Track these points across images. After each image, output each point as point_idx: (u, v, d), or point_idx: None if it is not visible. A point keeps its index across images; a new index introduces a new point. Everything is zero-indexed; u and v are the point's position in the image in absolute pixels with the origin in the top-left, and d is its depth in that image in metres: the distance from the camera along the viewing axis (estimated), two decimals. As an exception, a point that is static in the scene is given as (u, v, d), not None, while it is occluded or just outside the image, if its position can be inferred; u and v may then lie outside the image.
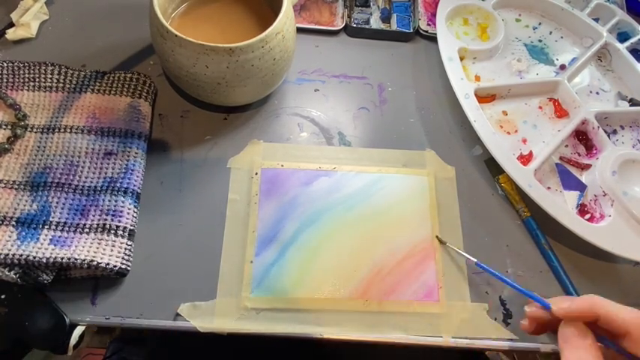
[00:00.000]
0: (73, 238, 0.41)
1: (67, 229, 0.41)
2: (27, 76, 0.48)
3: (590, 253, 0.47)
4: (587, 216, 0.47)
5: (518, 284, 0.38)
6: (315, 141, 0.50)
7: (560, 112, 0.53)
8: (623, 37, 0.60)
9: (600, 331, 0.30)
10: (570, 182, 0.49)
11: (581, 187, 0.48)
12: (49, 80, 0.48)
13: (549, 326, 0.33)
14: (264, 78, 0.45)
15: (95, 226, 0.41)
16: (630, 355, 0.28)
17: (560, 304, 0.31)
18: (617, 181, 0.47)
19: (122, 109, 0.47)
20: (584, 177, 0.50)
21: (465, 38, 0.57)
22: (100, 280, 0.41)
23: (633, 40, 0.58)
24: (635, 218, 0.46)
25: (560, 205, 0.46)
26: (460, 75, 0.51)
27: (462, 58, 0.54)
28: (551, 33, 0.59)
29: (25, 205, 0.42)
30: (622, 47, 0.57)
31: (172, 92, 0.51)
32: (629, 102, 0.55)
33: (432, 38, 0.56)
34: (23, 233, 0.40)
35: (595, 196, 0.48)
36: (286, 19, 0.43)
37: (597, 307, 0.29)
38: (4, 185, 0.43)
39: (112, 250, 0.40)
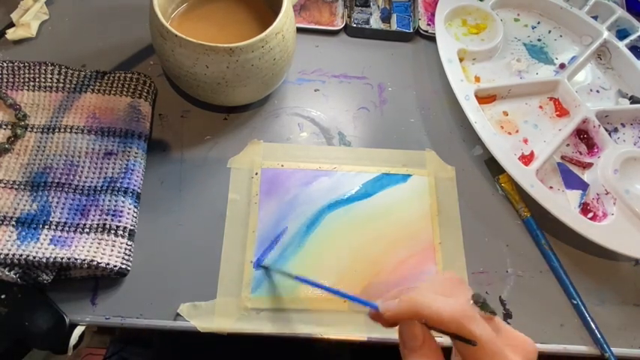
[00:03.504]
0: (73, 238, 0.41)
1: (67, 229, 0.41)
2: (27, 76, 0.48)
3: (590, 252, 0.47)
4: (590, 215, 0.47)
5: (338, 290, 0.37)
6: (315, 141, 0.50)
7: (561, 111, 0.53)
8: (622, 34, 0.60)
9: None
10: (572, 181, 0.49)
11: (583, 186, 0.48)
12: (49, 80, 0.48)
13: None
14: (264, 78, 0.45)
15: (95, 226, 0.41)
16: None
17: (387, 306, 0.29)
18: (619, 179, 0.47)
19: (122, 109, 0.47)
20: (585, 176, 0.50)
21: (464, 39, 0.57)
22: (100, 280, 0.41)
23: (633, 37, 0.58)
24: (637, 216, 0.46)
25: (563, 205, 0.46)
26: (460, 76, 0.51)
27: (461, 60, 0.54)
28: (550, 32, 0.59)
29: (25, 205, 0.42)
30: (621, 45, 0.57)
31: (172, 92, 0.51)
32: (629, 99, 0.55)
33: (432, 38, 0.56)
34: (23, 233, 0.40)
35: (597, 194, 0.48)
36: (286, 19, 0.43)
37: (419, 309, 0.27)
38: (4, 185, 0.43)
39: (112, 250, 0.40)
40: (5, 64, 0.48)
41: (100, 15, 0.54)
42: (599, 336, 0.43)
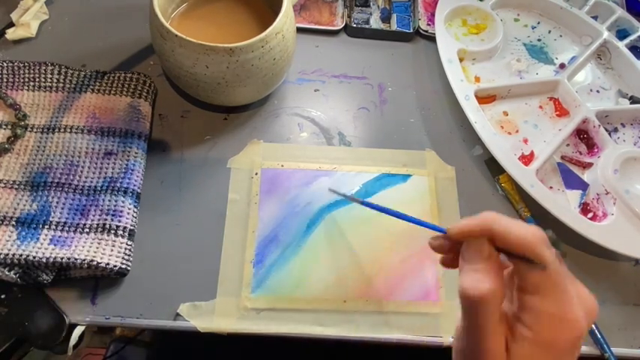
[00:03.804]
0: (73, 238, 0.41)
1: (67, 229, 0.41)
2: (27, 76, 0.48)
3: (590, 252, 0.47)
4: (590, 215, 0.47)
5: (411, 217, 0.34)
6: (315, 141, 0.50)
7: (561, 111, 0.53)
8: (622, 34, 0.60)
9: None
10: (572, 181, 0.49)
11: (583, 186, 0.48)
12: (49, 80, 0.48)
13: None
14: (264, 78, 0.45)
15: (95, 226, 0.41)
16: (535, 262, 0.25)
17: (455, 225, 0.28)
18: (619, 179, 0.47)
19: (122, 109, 0.47)
20: (585, 176, 0.50)
21: (464, 39, 0.57)
22: (100, 280, 0.41)
23: (632, 37, 0.58)
24: (638, 216, 0.46)
25: (563, 205, 0.46)
26: (460, 76, 0.51)
27: (461, 60, 0.54)
28: (550, 32, 0.59)
29: (25, 205, 0.42)
30: (621, 45, 0.57)
31: (172, 92, 0.50)
32: (629, 99, 0.55)
33: (432, 38, 0.56)
34: (23, 233, 0.40)
35: (597, 194, 0.48)
36: (286, 19, 0.43)
37: (490, 223, 0.26)
38: (4, 185, 0.43)
39: (112, 250, 0.40)
40: (5, 64, 0.48)
41: (100, 15, 0.54)
42: (599, 336, 0.43)
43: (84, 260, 0.39)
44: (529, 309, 0.25)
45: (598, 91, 0.56)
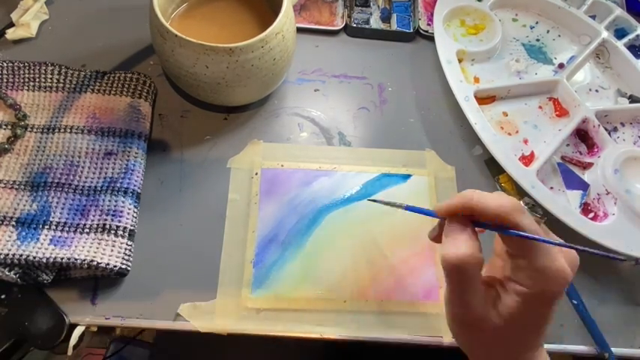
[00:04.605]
0: (73, 238, 0.41)
1: (67, 229, 0.41)
2: (27, 76, 0.48)
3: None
4: (591, 215, 0.47)
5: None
6: (315, 141, 0.50)
7: (561, 112, 0.53)
8: (620, 33, 0.60)
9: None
10: (573, 181, 0.49)
11: (583, 186, 0.48)
12: (49, 80, 0.48)
13: None
14: (264, 78, 0.45)
15: (95, 226, 0.41)
16: (515, 232, 0.29)
17: (441, 203, 0.32)
18: (619, 179, 0.47)
19: (122, 109, 0.47)
20: (586, 176, 0.50)
21: (462, 40, 0.57)
22: (100, 280, 0.41)
23: (631, 36, 0.58)
24: (638, 216, 0.46)
25: (564, 205, 0.46)
26: (459, 77, 0.51)
27: (460, 60, 0.54)
28: (548, 32, 0.59)
29: (25, 205, 0.42)
30: (620, 44, 0.57)
31: (172, 92, 0.50)
32: (628, 99, 0.55)
33: (432, 38, 0.56)
34: (23, 233, 0.40)
35: (598, 194, 0.48)
36: (286, 19, 0.43)
37: (468, 199, 0.30)
38: (4, 185, 0.43)
39: (112, 250, 0.40)
40: (5, 64, 0.48)
41: (100, 15, 0.54)
42: (599, 336, 0.43)
43: (84, 260, 0.39)
44: (519, 269, 0.29)
45: (597, 91, 0.56)
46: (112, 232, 0.41)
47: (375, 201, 0.39)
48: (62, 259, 0.38)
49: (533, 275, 0.28)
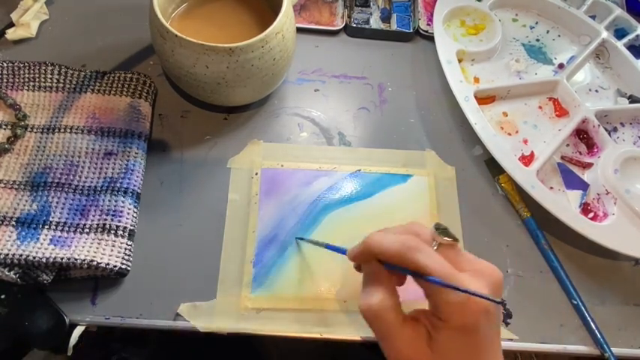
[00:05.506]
0: (73, 238, 0.41)
1: (67, 229, 0.41)
2: (27, 76, 0.48)
3: (590, 252, 0.47)
4: (591, 215, 0.47)
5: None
6: (315, 141, 0.50)
7: (560, 112, 0.53)
8: (620, 33, 0.60)
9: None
10: (573, 181, 0.49)
11: (583, 186, 0.48)
12: (49, 80, 0.48)
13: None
14: (264, 78, 0.45)
15: (95, 226, 0.41)
16: (414, 273, 0.29)
17: (350, 250, 0.33)
18: (619, 179, 0.47)
19: (122, 109, 0.47)
20: (586, 176, 0.50)
21: (462, 40, 0.57)
22: (100, 280, 0.41)
23: (631, 36, 0.58)
24: (638, 216, 0.46)
25: (564, 205, 0.46)
26: (459, 77, 0.51)
27: (460, 60, 0.54)
28: (548, 32, 0.59)
29: (25, 205, 0.42)
30: (620, 44, 0.57)
31: (172, 92, 0.51)
32: (628, 99, 0.55)
33: (432, 38, 0.56)
34: (23, 233, 0.40)
35: (598, 194, 0.48)
36: (286, 19, 0.43)
37: (370, 247, 0.30)
38: (4, 185, 0.43)
39: (112, 250, 0.40)
40: (5, 64, 0.48)
41: (100, 15, 0.54)
42: (599, 336, 0.43)
43: (84, 260, 0.39)
44: (436, 306, 0.29)
45: (597, 91, 0.56)
46: (112, 232, 0.41)
47: (301, 239, 0.43)
48: (62, 259, 0.38)
49: (448, 310, 0.28)
